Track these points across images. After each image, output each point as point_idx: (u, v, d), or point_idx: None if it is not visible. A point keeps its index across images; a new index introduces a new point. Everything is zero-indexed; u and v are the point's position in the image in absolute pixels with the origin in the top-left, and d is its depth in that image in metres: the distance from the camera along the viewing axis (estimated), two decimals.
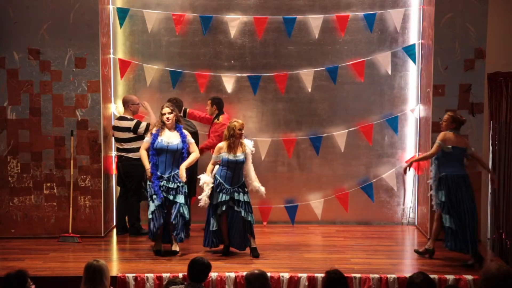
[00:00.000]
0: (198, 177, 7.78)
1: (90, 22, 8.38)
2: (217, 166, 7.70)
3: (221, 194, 7.58)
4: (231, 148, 7.60)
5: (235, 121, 7.71)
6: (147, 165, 7.65)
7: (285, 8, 9.12)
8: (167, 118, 7.68)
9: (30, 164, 8.48)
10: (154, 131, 7.71)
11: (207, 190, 7.60)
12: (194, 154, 7.74)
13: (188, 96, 9.21)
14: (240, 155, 7.62)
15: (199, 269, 5.28)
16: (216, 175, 7.65)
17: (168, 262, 7.49)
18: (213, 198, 7.61)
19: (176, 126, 7.75)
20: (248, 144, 7.74)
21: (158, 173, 7.65)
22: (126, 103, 8.73)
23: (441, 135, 7.54)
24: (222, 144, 7.67)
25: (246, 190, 7.70)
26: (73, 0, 8.34)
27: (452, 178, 7.46)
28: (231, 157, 7.59)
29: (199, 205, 7.65)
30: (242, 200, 7.63)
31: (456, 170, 7.48)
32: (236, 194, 7.61)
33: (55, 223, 8.53)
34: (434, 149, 7.52)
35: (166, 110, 7.70)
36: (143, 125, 8.47)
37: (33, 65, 8.42)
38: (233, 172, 7.61)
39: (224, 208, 7.59)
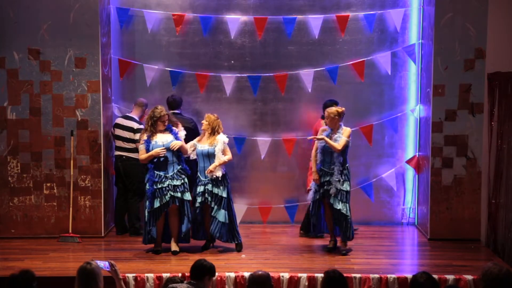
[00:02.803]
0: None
1: (90, 22, 8.38)
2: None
3: (197, 186, 7.78)
4: (200, 139, 7.89)
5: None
6: (157, 150, 7.63)
7: (285, 8, 9.12)
8: (165, 124, 7.76)
9: (30, 164, 8.48)
10: (145, 137, 7.73)
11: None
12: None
13: (188, 96, 9.22)
14: (206, 146, 7.75)
15: (201, 272, 5.29)
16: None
17: (168, 262, 7.50)
18: (194, 189, 7.85)
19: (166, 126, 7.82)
20: (220, 138, 7.78)
21: (162, 174, 7.67)
22: (144, 105, 8.74)
23: (348, 132, 7.75)
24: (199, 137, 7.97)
25: (225, 183, 7.77)
26: (73, 0, 8.34)
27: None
28: (199, 147, 7.79)
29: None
30: (216, 193, 7.71)
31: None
32: (210, 185, 7.71)
33: (55, 223, 8.53)
34: (343, 145, 7.67)
35: (165, 115, 7.74)
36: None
37: (33, 65, 8.42)
38: (204, 164, 7.75)
39: (200, 200, 7.72)
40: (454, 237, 8.41)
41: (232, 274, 6.91)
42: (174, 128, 7.86)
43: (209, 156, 7.74)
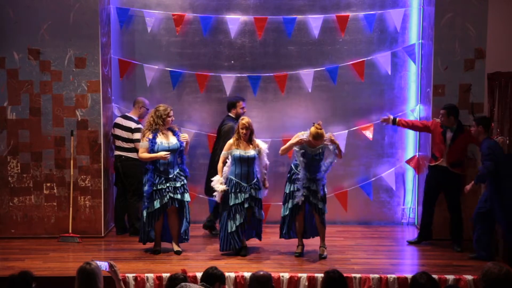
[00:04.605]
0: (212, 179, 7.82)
1: (90, 22, 8.38)
2: (225, 168, 7.79)
3: (240, 193, 7.61)
4: (239, 144, 7.70)
5: (241, 118, 7.82)
6: (160, 153, 7.59)
7: (285, 8, 9.12)
8: (172, 120, 7.75)
9: (30, 164, 8.49)
10: (150, 136, 7.68)
11: (219, 189, 7.64)
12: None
13: (188, 96, 9.22)
14: (251, 152, 7.68)
15: (212, 279, 5.32)
16: (229, 176, 7.70)
17: (168, 262, 7.51)
18: (230, 199, 7.63)
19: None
20: (262, 143, 7.85)
21: (162, 175, 7.67)
22: (137, 103, 8.74)
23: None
24: (232, 141, 7.76)
25: (260, 187, 7.78)
26: (73, 0, 8.35)
27: None
28: (242, 153, 7.65)
29: (216, 199, 7.74)
30: (258, 197, 7.72)
31: None
32: (253, 191, 7.68)
33: (55, 223, 8.54)
34: None
35: (172, 113, 7.75)
36: (140, 137, 8.44)
37: (33, 65, 8.42)
38: (247, 168, 7.66)
39: (247, 206, 7.63)
40: None
41: (232, 274, 6.90)
42: (176, 129, 7.87)
43: (253, 161, 7.72)
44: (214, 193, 7.74)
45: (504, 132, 8.60)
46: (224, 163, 7.79)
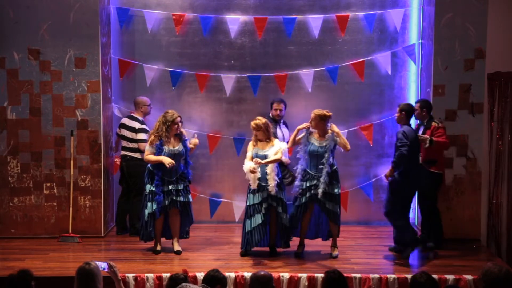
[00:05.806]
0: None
1: (90, 22, 8.38)
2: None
3: (259, 193, 7.56)
4: (256, 143, 7.67)
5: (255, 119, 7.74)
6: (164, 159, 7.57)
7: (285, 8, 9.12)
8: (179, 127, 7.75)
9: (30, 164, 8.49)
10: (157, 141, 7.68)
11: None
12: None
13: (188, 96, 9.22)
14: (267, 150, 7.62)
15: (214, 282, 5.32)
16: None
17: (168, 262, 7.51)
18: (249, 199, 7.60)
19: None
20: (278, 142, 7.72)
21: (165, 178, 7.70)
22: (137, 104, 8.74)
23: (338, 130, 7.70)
24: (251, 142, 7.75)
25: (283, 187, 7.70)
26: (73, 0, 8.35)
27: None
28: (260, 152, 7.62)
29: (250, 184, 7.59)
30: (279, 197, 7.61)
31: None
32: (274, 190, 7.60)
33: (55, 223, 8.54)
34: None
35: (179, 119, 7.76)
36: (144, 137, 8.44)
37: (33, 65, 8.42)
38: (265, 166, 7.57)
39: (266, 205, 7.54)
40: (454, 237, 8.41)
41: (232, 274, 6.91)
42: (184, 134, 7.91)
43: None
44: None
45: (505, 132, 8.63)
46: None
